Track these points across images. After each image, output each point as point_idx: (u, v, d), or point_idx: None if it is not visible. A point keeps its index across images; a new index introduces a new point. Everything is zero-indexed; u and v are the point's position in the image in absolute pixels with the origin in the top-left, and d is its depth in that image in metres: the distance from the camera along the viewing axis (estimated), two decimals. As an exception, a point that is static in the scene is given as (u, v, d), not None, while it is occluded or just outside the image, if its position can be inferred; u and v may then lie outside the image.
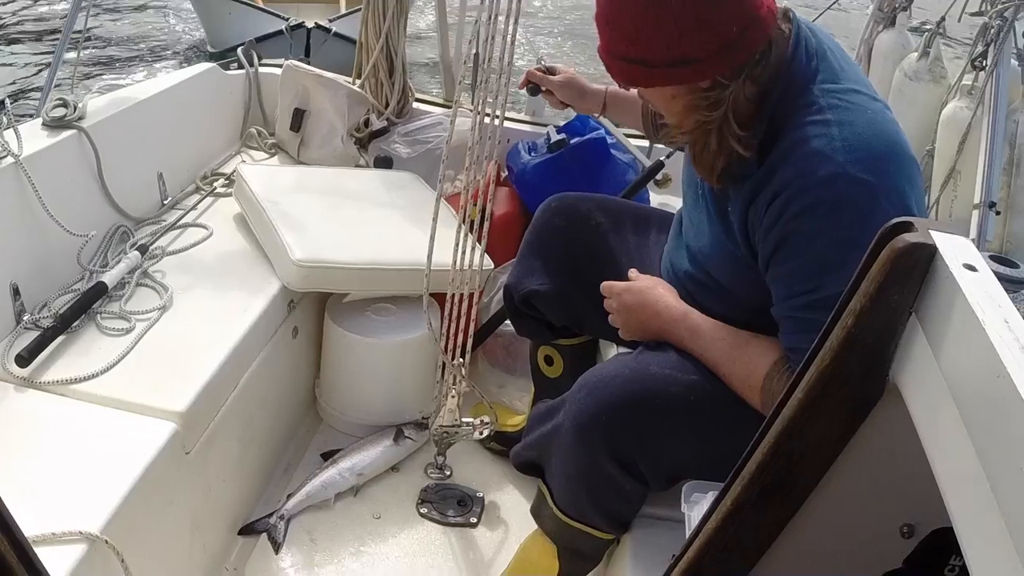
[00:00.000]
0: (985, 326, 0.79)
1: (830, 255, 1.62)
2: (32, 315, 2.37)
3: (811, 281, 1.66)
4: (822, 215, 1.62)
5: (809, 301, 1.67)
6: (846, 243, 1.59)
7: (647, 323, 2.03)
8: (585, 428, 1.91)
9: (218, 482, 2.38)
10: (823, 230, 1.62)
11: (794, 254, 1.68)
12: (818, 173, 1.62)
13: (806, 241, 1.65)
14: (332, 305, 2.95)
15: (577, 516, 2.07)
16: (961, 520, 0.81)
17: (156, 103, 3.15)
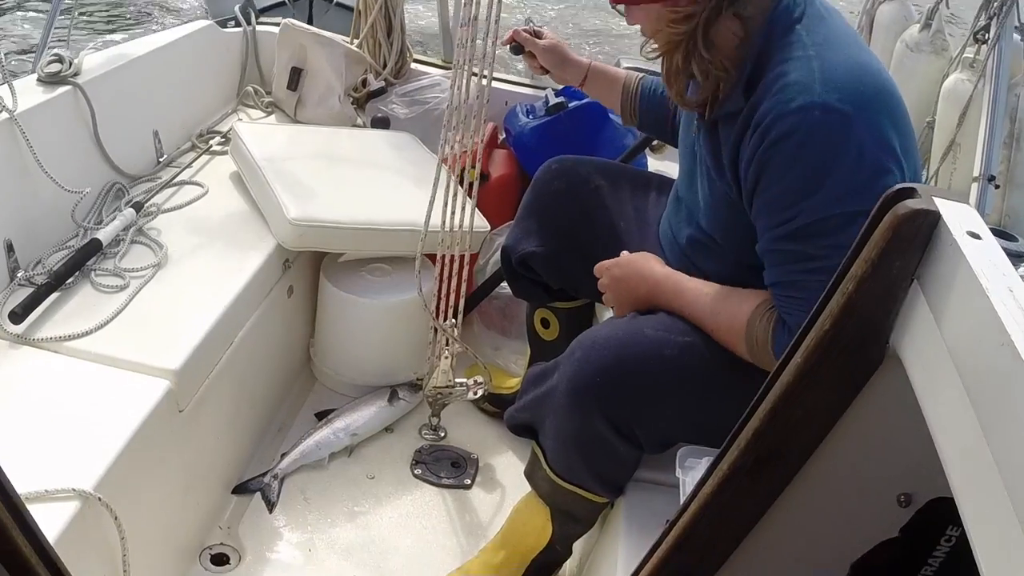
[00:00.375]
0: (989, 294, 0.79)
1: (805, 182, 1.65)
2: (26, 272, 2.36)
3: (788, 210, 1.68)
4: (797, 142, 1.65)
5: (788, 231, 1.69)
6: (820, 170, 1.63)
7: (635, 290, 2.05)
8: (579, 391, 1.90)
9: (212, 440, 2.38)
10: (798, 156, 1.65)
11: (772, 182, 1.70)
12: (794, 102, 1.65)
13: (782, 169, 1.68)
14: (328, 265, 2.94)
15: (570, 478, 2.06)
16: (962, 490, 0.80)
17: (152, 60, 3.12)
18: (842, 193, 1.63)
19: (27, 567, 1.01)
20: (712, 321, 1.89)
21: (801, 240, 1.68)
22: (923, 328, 0.90)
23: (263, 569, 2.37)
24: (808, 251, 1.67)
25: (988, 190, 3.07)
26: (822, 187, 1.63)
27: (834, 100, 1.62)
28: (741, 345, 1.82)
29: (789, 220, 1.68)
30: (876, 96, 1.68)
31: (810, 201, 1.64)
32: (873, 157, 1.64)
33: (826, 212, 1.64)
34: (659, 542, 1.25)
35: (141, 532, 2.00)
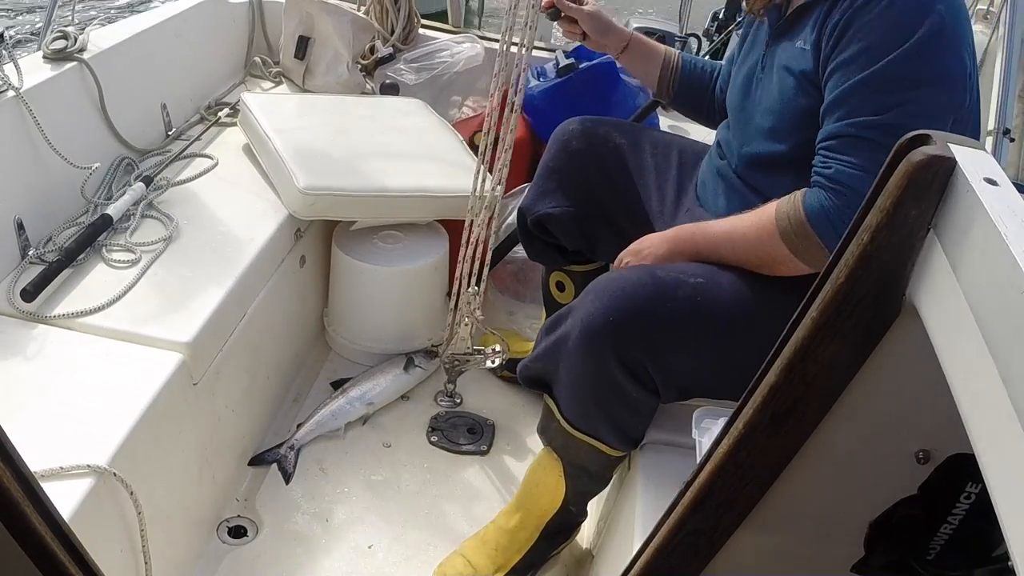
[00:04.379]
0: (1008, 241, 0.76)
1: (886, 36, 1.69)
2: (37, 249, 2.35)
3: (861, 65, 1.71)
4: (886, 2, 1.69)
5: (854, 84, 1.72)
6: (904, 28, 1.68)
7: (656, 252, 2.04)
8: (593, 333, 1.88)
9: (227, 412, 2.38)
10: (884, 14, 1.69)
11: (853, 40, 1.73)
12: None
13: (866, 26, 1.71)
14: (339, 233, 2.93)
15: (585, 428, 2.04)
16: (982, 444, 0.78)
17: (158, 33, 3.11)
18: (919, 54, 1.66)
19: (42, 545, 1.01)
20: (740, 230, 1.91)
21: (864, 93, 1.70)
22: (941, 278, 0.88)
23: (281, 541, 2.38)
24: (870, 104, 1.69)
25: (1004, 143, 3.04)
26: (902, 45, 1.66)
27: None
28: (775, 236, 1.82)
29: (860, 73, 1.70)
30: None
31: (888, 55, 1.67)
32: (953, 36, 1.68)
33: (899, 69, 1.67)
34: (675, 503, 1.24)
35: (157, 506, 2.00)
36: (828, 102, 1.76)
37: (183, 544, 2.23)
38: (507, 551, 2.25)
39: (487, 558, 2.25)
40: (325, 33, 3.50)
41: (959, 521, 1.04)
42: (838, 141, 1.74)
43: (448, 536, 2.43)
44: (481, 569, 2.24)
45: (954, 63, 1.69)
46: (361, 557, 2.37)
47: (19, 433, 1.02)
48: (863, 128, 1.69)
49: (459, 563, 2.27)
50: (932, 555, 1.07)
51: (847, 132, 1.72)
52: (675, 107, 2.66)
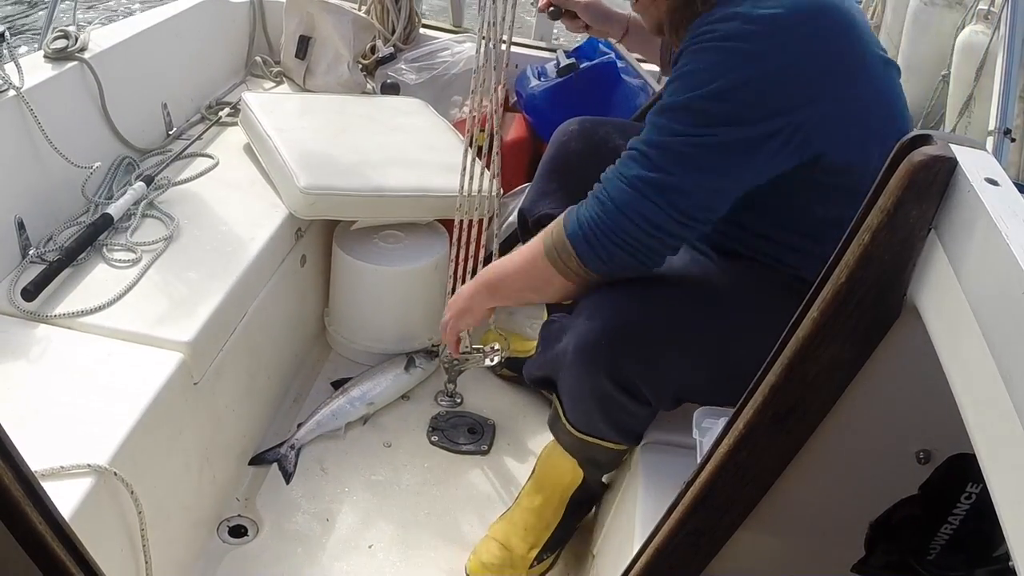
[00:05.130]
0: (1009, 241, 0.76)
1: (701, 69, 1.68)
2: (37, 249, 2.35)
3: (674, 92, 1.72)
4: (713, 38, 1.67)
5: (660, 106, 1.73)
6: (719, 66, 1.66)
7: (461, 295, 2.21)
8: (585, 352, 1.91)
9: (227, 412, 2.38)
10: (704, 49, 1.69)
11: (675, 73, 1.74)
12: (732, 14, 1.68)
13: (693, 56, 1.71)
14: (340, 233, 2.93)
15: (589, 431, 2.08)
16: (982, 444, 0.79)
17: (159, 32, 3.10)
18: (723, 97, 1.65)
19: (43, 544, 1.01)
20: (518, 257, 2.00)
21: (663, 117, 1.72)
22: (941, 279, 0.88)
23: (281, 540, 2.38)
24: (664, 128, 1.71)
25: (1004, 143, 3.04)
26: (712, 83, 1.65)
27: (761, 8, 1.65)
28: (540, 257, 1.88)
29: (668, 99, 1.72)
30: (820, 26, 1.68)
31: (697, 89, 1.67)
32: (766, 90, 1.65)
33: (702, 104, 1.66)
34: (676, 503, 1.24)
35: (158, 506, 2.00)
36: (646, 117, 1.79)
37: (183, 544, 2.23)
38: (536, 529, 2.28)
39: (519, 539, 2.29)
40: (326, 33, 3.50)
41: (959, 521, 1.04)
42: (627, 154, 1.77)
43: (449, 536, 2.43)
44: (516, 550, 2.28)
45: (763, 104, 1.66)
46: (361, 557, 2.37)
47: (20, 433, 1.02)
48: (648, 146, 1.72)
49: (493, 547, 2.30)
50: (932, 555, 1.07)
51: (636, 147, 1.75)
52: None
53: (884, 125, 1.77)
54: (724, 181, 1.71)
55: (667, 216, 1.70)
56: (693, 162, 1.68)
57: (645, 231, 1.72)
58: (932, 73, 4.26)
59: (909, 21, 4.45)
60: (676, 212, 1.69)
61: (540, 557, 2.27)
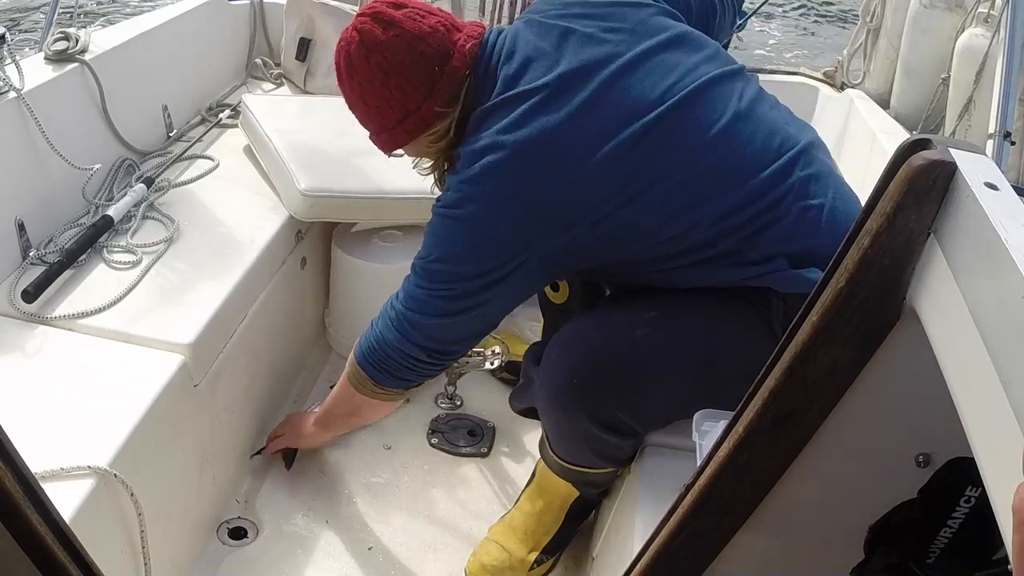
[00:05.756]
0: (1008, 245, 0.76)
1: (429, 238, 1.92)
2: (38, 250, 2.35)
3: (420, 251, 1.95)
4: (436, 207, 1.91)
5: (414, 264, 1.96)
6: (438, 234, 1.90)
7: (300, 432, 2.47)
8: (559, 395, 1.94)
9: (227, 414, 2.38)
10: (435, 215, 1.91)
11: None
12: (448, 183, 1.92)
13: (430, 221, 1.93)
14: (340, 234, 2.93)
15: (575, 462, 2.10)
16: (981, 448, 0.79)
17: (160, 35, 3.11)
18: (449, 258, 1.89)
19: (43, 546, 1.01)
20: (334, 393, 2.28)
21: (418, 275, 1.95)
22: (941, 283, 0.88)
23: (281, 542, 2.38)
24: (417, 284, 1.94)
25: (1004, 146, 3.04)
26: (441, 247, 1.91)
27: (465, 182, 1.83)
28: (347, 385, 2.14)
29: (420, 260, 1.94)
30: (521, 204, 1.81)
31: (430, 254, 1.92)
32: (488, 237, 1.83)
33: (435, 266, 1.91)
34: (675, 507, 1.24)
35: (158, 508, 2.00)
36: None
37: (183, 545, 2.23)
38: (536, 534, 2.29)
39: (519, 542, 2.29)
40: (326, 35, 3.50)
41: (959, 525, 1.04)
42: (397, 294, 2.01)
43: (449, 537, 2.43)
44: (516, 552, 2.28)
45: (481, 258, 1.85)
46: (361, 559, 2.37)
47: (20, 434, 1.02)
48: (407, 295, 1.96)
49: (493, 549, 2.30)
50: (932, 559, 1.07)
51: (403, 289, 1.99)
52: None
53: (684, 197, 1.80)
54: (463, 315, 1.92)
55: (407, 341, 1.96)
56: (425, 306, 1.93)
57: (392, 356, 2.00)
58: (932, 76, 4.27)
59: (909, 24, 4.45)
60: (423, 340, 1.96)
61: (540, 559, 2.27)
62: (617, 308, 1.98)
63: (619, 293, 2.12)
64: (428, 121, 1.92)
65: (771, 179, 1.78)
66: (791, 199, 1.78)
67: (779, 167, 1.79)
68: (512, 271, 1.82)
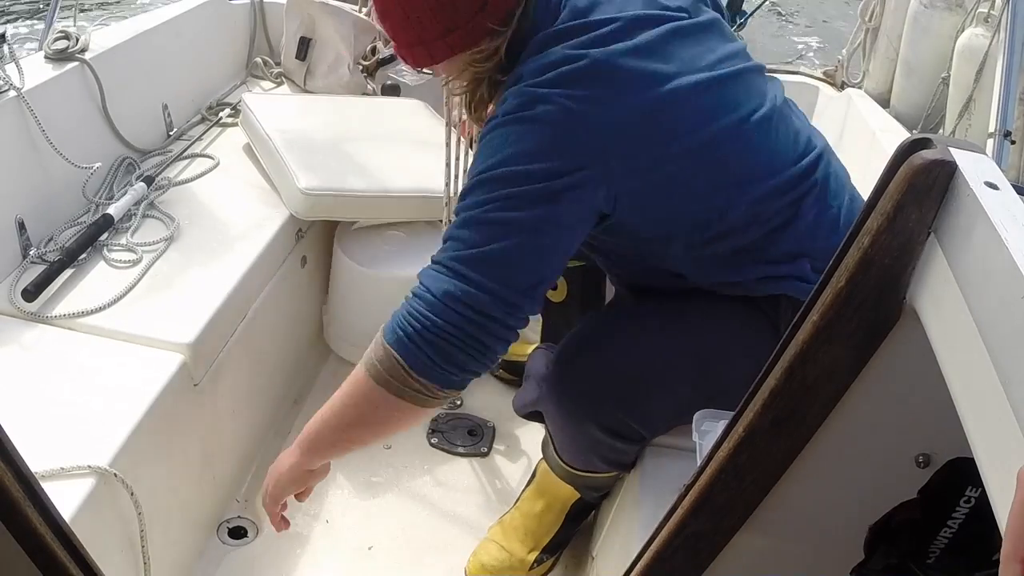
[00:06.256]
0: (1008, 245, 0.76)
1: (485, 148, 1.66)
2: (38, 249, 2.36)
3: (466, 179, 1.69)
4: (492, 122, 1.67)
5: (462, 193, 1.69)
6: (499, 138, 1.64)
7: (289, 458, 1.88)
8: (568, 403, 1.93)
9: (227, 414, 2.38)
10: (490, 130, 1.67)
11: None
12: (506, 95, 1.68)
13: (479, 143, 1.70)
14: (341, 234, 2.93)
15: (580, 466, 2.10)
16: (981, 448, 0.79)
17: (160, 33, 3.11)
18: (515, 159, 1.62)
19: (43, 545, 1.01)
20: (339, 396, 1.75)
21: (470, 195, 1.66)
22: (941, 282, 0.88)
23: (281, 542, 2.37)
24: (470, 203, 1.65)
25: (1005, 146, 3.04)
26: (505, 149, 1.63)
27: (537, 85, 1.63)
28: (367, 383, 1.66)
29: (471, 179, 1.68)
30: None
31: (488, 160, 1.64)
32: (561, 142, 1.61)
33: (499, 171, 1.63)
34: (675, 506, 1.24)
35: (158, 507, 2.00)
36: None
37: (183, 545, 2.23)
38: (536, 534, 2.29)
39: (519, 542, 2.29)
40: (326, 34, 3.50)
41: (959, 525, 1.04)
42: (441, 246, 1.69)
43: (448, 537, 2.43)
44: (516, 552, 2.28)
45: (555, 158, 1.61)
46: (361, 558, 2.37)
47: (20, 433, 1.02)
48: (455, 229, 1.65)
49: (493, 549, 2.30)
50: (932, 559, 1.07)
51: (447, 236, 1.68)
52: None
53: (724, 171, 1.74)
54: (535, 240, 1.63)
55: (481, 293, 1.58)
56: (494, 228, 1.61)
57: (460, 314, 1.58)
58: (932, 76, 4.27)
59: (909, 23, 4.45)
60: (491, 282, 1.58)
61: (540, 559, 2.27)
62: (625, 314, 1.97)
63: (625, 298, 2.11)
64: (476, 38, 1.74)
65: (798, 176, 1.76)
66: (812, 199, 1.77)
67: (805, 165, 1.78)
68: (575, 186, 1.61)
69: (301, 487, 1.91)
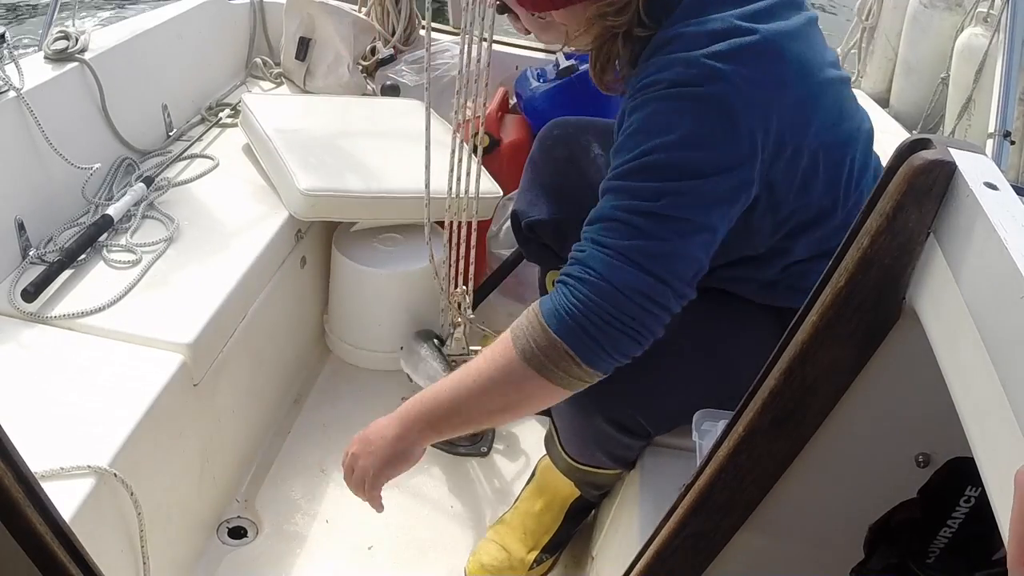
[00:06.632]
0: (1008, 245, 0.77)
1: (655, 121, 1.54)
2: (38, 250, 2.35)
3: (643, 144, 1.55)
4: (668, 83, 1.54)
5: (624, 169, 1.56)
6: (674, 114, 1.52)
7: (386, 432, 1.78)
8: (577, 395, 1.89)
9: (227, 414, 2.38)
10: (666, 96, 1.54)
11: (630, 128, 1.58)
12: (675, 54, 1.55)
13: (640, 110, 1.57)
14: (340, 235, 2.93)
15: (584, 461, 2.09)
16: (981, 448, 0.79)
17: (159, 34, 3.11)
18: (691, 144, 1.52)
19: (42, 545, 1.01)
20: (474, 369, 1.65)
21: (635, 178, 1.55)
22: (940, 283, 0.88)
23: (281, 542, 2.38)
24: (641, 190, 1.53)
25: (1004, 146, 3.04)
26: (674, 132, 1.51)
27: (711, 59, 1.51)
28: (514, 361, 1.56)
29: (632, 158, 1.55)
30: (768, 70, 1.57)
31: (660, 142, 1.52)
32: (733, 116, 1.52)
33: (672, 157, 1.52)
34: (675, 506, 1.24)
35: (158, 507, 2.00)
36: (602, 186, 1.61)
37: (183, 545, 2.23)
38: (535, 533, 2.29)
39: (518, 541, 2.29)
40: (326, 34, 3.50)
41: (958, 525, 1.04)
42: (601, 225, 1.55)
43: (448, 537, 2.43)
44: (515, 551, 2.28)
45: (733, 147, 1.53)
46: (361, 558, 2.37)
47: (20, 433, 1.02)
48: (629, 214, 1.52)
49: (492, 549, 2.30)
50: (932, 558, 1.07)
51: (612, 216, 1.54)
52: None
53: (834, 167, 1.71)
54: (710, 236, 1.56)
55: (664, 287, 1.51)
56: (680, 224, 1.52)
57: (642, 307, 1.51)
58: (931, 75, 4.27)
59: (908, 23, 4.45)
60: (674, 279, 1.52)
61: (539, 559, 2.28)
62: None
63: None
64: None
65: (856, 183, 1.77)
66: (855, 208, 1.74)
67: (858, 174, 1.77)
68: (748, 182, 1.57)
69: (405, 469, 1.81)
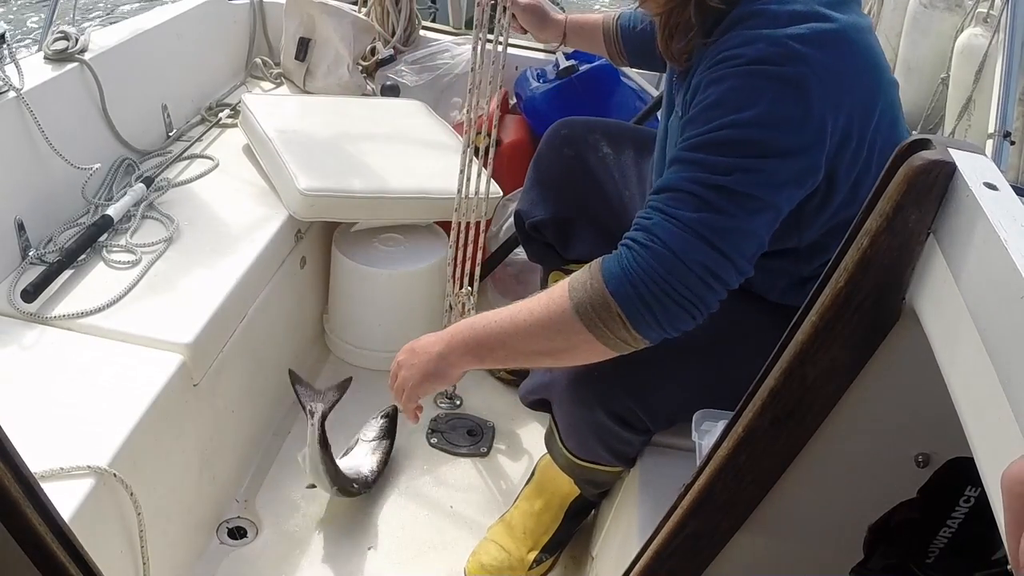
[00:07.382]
0: (1007, 245, 0.77)
1: (734, 96, 1.53)
2: (37, 250, 2.35)
3: (716, 120, 1.54)
4: (747, 60, 1.53)
5: (698, 141, 1.55)
6: (754, 91, 1.51)
7: (431, 347, 1.82)
8: (578, 387, 1.91)
9: (227, 414, 2.38)
10: (743, 72, 1.53)
11: (706, 100, 1.57)
12: (756, 31, 1.54)
13: (718, 84, 1.55)
14: (340, 235, 2.93)
15: (584, 456, 2.08)
16: (980, 448, 0.79)
17: (159, 34, 3.11)
18: (765, 123, 1.50)
19: (42, 545, 1.01)
20: (526, 311, 1.64)
21: (706, 151, 1.53)
22: (940, 283, 0.88)
23: (280, 542, 2.38)
24: (712, 164, 1.52)
25: (1004, 146, 3.04)
26: (751, 108, 1.50)
27: (791, 40, 1.51)
28: (567, 313, 1.57)
29: (708, 131, 1.54)
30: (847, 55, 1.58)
31: (737, 117, 1.51)
32: (810, 99, 1.51)
33: (747, 134, 1.51)
34: (675, 505, 1.24)
35: (157, 507, 2.00)
36: (672, 156, 1.60)
37: (183, 545, 2.23)
38: (535, 533, 2.29)
39: (518, 541, 2.29)
40: (326, 35, 3.50)
41: (958, 525, 1.04)
42: (670, 195, 1.54)
43: (448, 537, 2.43)
44: (515, 551, 2.28)
45: (807, 130, 1.53)
46: (361, 559, 2.37)
47: (19, 433, 1.02)
48: (699, 186, 1.51)
49: (492, 549, 2.30)
50: (931, 558, 1.07)
51: (681, 187, 1.53)
52: (635, 67, 2.70)
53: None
54: (774, 215, 1.55)
55: (728, 263, 1.51)
56: (750, 201, 1.51)
57: (703, 281, 1.50)
58: (931, 76, 4.28)
59: (908, 23, 4.45)
60: (738, 257, 1.51)
61: (539, 559, 2.28)
62: None
63: None
64: None
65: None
66: None
67: None
68: (815, 168, 1.57)
69: (442, 386, 1.87)
